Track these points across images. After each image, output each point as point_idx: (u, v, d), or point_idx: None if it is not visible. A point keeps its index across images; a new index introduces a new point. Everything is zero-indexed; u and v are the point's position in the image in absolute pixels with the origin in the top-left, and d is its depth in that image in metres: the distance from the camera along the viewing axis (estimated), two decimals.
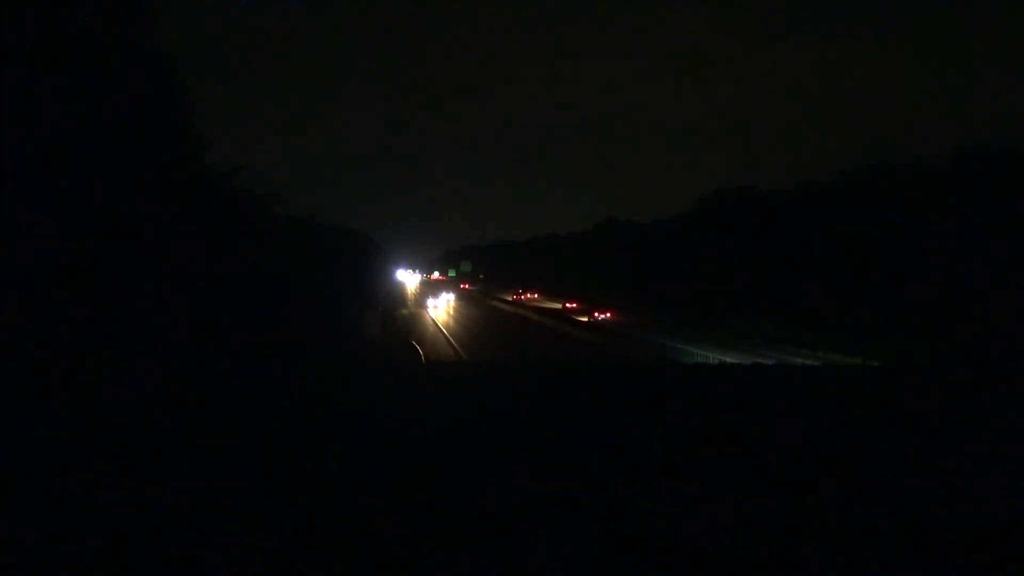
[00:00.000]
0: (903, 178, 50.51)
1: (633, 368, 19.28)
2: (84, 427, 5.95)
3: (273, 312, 19.67)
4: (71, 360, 10.35)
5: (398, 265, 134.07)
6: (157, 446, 5.38)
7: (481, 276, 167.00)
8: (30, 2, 12.33)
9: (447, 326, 63.22)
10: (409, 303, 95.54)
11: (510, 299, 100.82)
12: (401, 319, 66.42)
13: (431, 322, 68.80)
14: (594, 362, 33.81)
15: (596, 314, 66.64)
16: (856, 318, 45.12)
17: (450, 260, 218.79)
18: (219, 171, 19.26)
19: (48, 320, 10.97)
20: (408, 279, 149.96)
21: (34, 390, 8.10)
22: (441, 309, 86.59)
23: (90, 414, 6.50)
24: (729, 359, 36.65)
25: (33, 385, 8.39)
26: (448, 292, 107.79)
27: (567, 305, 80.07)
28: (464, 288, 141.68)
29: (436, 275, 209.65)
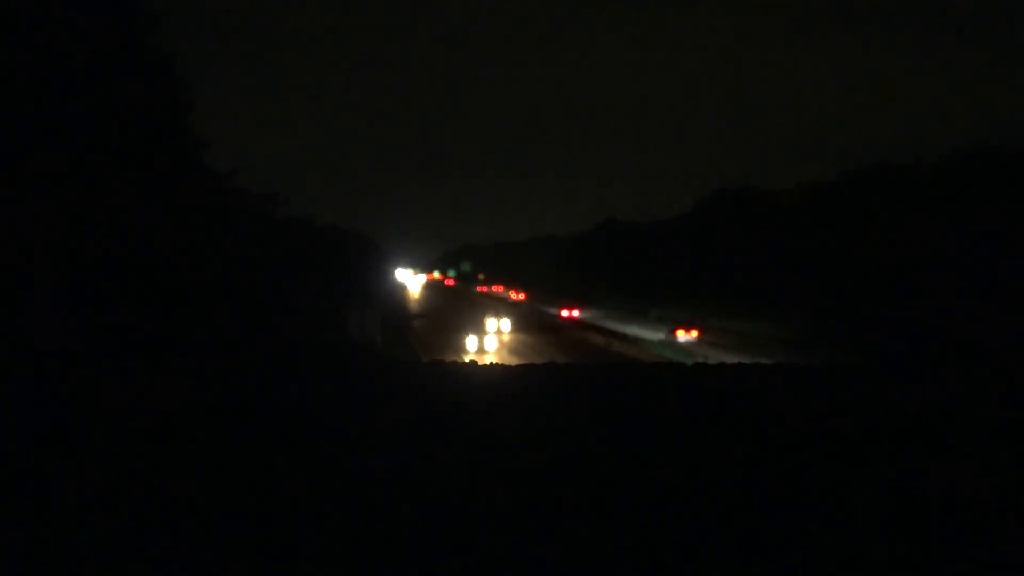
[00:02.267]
0: (903, 178, 50.52)
1: (631, 368, 19.28)
2: (82, 424, 5.94)
3: (270, 311, 19.65)
4: (69, 358, 10.33)
5: (398, 265, 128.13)
6: (153, 445, 5.37)
7: (481, 276, 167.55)
8: (30, 2, 12.32)
9: None
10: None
11: (476, 289, 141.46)
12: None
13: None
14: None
15: (515, 295, 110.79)
16: (856, 318, 45.11)
17: (450, 260, 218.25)
18: (219, 171, 19.27)
19: (46, 318, 10.96)
20: (410, 281, 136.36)
21: (32, 388, 8.10)
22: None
23: (88, 413, 6.49)
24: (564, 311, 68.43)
25: (31, 383, 8.38)
26: (500, 317, 60.28)
27: (511, 293, 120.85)
28: (448, 284, 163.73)
29: (436, 275, 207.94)
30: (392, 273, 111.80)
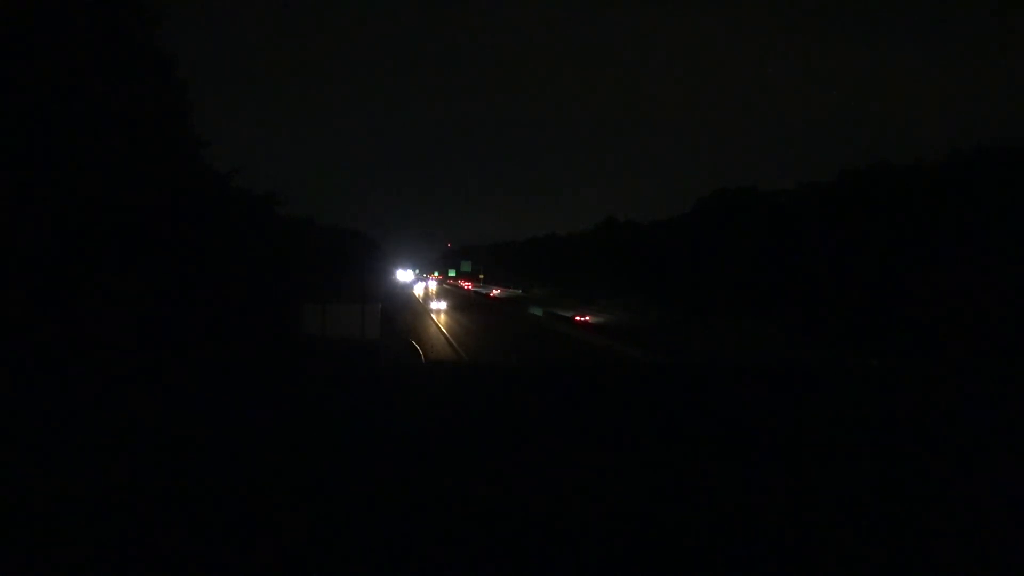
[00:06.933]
0: (903, 178, 50.42)
1: (628, 368, 19.29)
2: (84, 422, 5.97)
3: (271, 309, 19.65)
4: (68, 356, 10.37)
5: (400, 266, 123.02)
6: (158, 442, 5.39)
7: (481, 276, 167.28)
8: (32, 3, 12.34)
9: None
10: None
11: (448, 282, 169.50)
12: None
13: None
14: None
15: (464, 284, 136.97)
16: (856, 318, 45.07)
17: (450, 260, 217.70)
18: (219, 171, 19.30)
19: (47, 316, 10.99)
20: (414, 284, 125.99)
21: (31, 386, 8.12)
22: None
23: (89, 409, 6.52)
24: (492, 291, 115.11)
25: (30, 381, 8.41)
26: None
27: (469, 285, 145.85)
28: (435, 279, 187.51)
29: (436, 275, 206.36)
30: (393, 273, 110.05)
